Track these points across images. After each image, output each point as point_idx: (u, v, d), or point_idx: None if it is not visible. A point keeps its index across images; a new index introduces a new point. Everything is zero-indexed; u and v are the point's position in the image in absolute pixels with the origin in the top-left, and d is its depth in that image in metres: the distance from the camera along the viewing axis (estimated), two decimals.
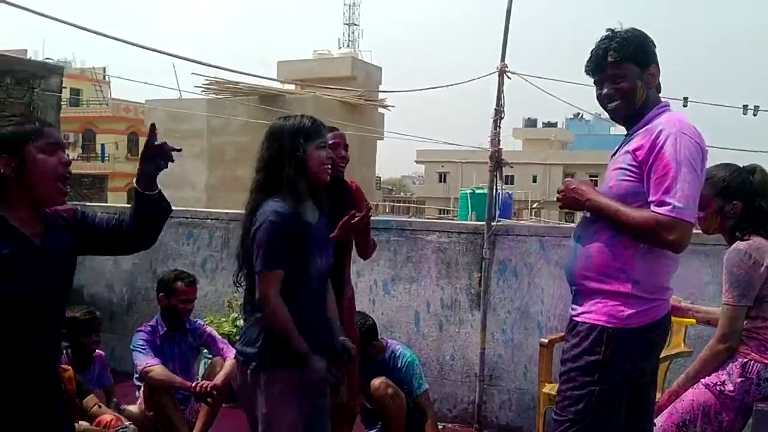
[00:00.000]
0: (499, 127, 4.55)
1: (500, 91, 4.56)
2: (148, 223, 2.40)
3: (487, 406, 4.69)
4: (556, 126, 58.49)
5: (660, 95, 2.61)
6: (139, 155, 2.34)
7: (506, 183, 34.92)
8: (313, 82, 21.99)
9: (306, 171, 2.69)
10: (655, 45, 2.52)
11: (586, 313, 2.48)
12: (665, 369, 3.62)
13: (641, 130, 2.48)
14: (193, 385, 3.93)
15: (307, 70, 23.79)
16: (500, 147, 4.55)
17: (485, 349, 4.63)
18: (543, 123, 59.56)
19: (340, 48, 41.83)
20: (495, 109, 4.55)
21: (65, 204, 2.28)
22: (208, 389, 3.90)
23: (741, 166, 3.09)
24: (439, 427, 4.50)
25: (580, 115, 54.26)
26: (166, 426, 3.88)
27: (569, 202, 2.59)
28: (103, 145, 34.92)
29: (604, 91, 2.53)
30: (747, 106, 6.76)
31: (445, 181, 47.41)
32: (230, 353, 4.24)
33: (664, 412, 3.00)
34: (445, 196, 40.16)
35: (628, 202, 2.43)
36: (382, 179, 49.00)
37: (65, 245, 2.25)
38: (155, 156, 2.29)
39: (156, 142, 2.30)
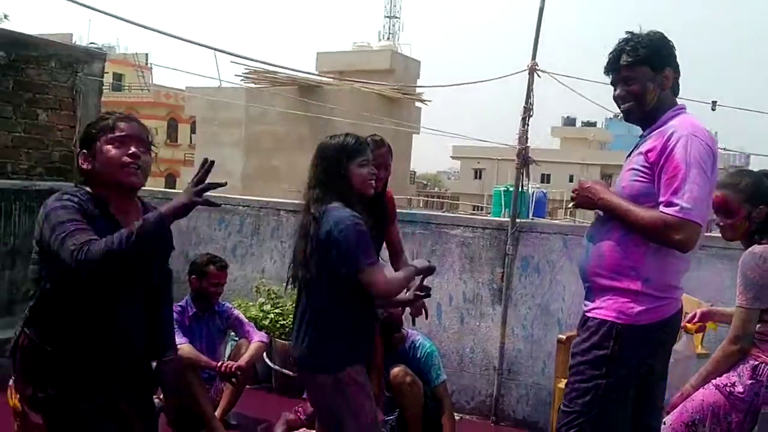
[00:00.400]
0: (528, 125, 4.60)
1: (530, 89, 4.60)
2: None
3: (504, 400, 4.75)
4: (595, 125, 57.91)
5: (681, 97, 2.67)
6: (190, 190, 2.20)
7: (542, 182, 34.78)
8: (352, 73, 22.13)
9: (351, 187, 2.85)
10: (673, 48, 2.57)
11: (597, 309, 2.55)
12: None
13: (655, 132, 2.54)
14: (219, 364, 4.06)
15: (346, 61, 23.91)
16: (528, 145, 4.60)
17: (505, 343, 4.70)
18: (582, 122, 58.99)
19: (380, 40, 41.87)
20: (524, 107, 4.59)
21: (141, 185, 2.37)
22: (233, 370, 4.03)
23: (756, 171, 3.13)
24: (457, 418, 4.57)
25: (619, 116, 53.58)
26: (191, 403, 4.02)
27: (583, 200, 2.66)
28: None
29: (617, 92, 2.60)
30: None
31: (480, 178, 47.24)
32: (255, 336, 4.37)
33: (675, 410, 3.05)
34: (479, 193, 40.07)
35: (640, 202, 2.49)
36: (417, 174, 48.98)
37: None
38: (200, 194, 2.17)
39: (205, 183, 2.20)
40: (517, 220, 4.69)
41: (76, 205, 2.18)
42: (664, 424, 3.04)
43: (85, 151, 2.32)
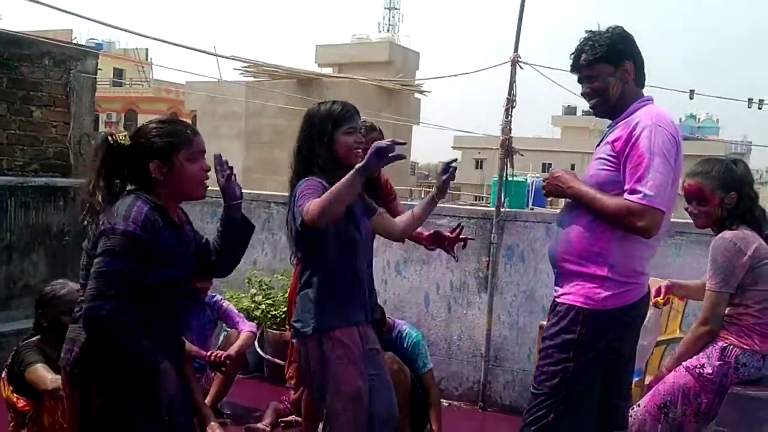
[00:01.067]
0: (511, 116, 4.67)
1: (512, 81, 4.67)
2: (231, 244, 2.66)
3: (491, 386, 4.84)
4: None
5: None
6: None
7: (543, 170, 34.76)
8: (351, 65, 22.16)
9: (335, 155, 2.81)
10: (631, 42, 2.64)
11: (566, 294, 2.64)
12: (661, 354, 3.73)
13: (621, 123, 2.61)
14: (209, 354, 4.15)
15: (344, 54, 23.89)
16: (511, 135, 4.67)
17: (491, 330, 4.78)
18: (583, 111, 58.81)
19: (379, 32, 41.80)
20: (507, 98, 4.67)
21: (205, 196, 2.50)
22: (222, 359, 4.13)
23: (723, 158, 3.21)
24: (445, 404, 4.67)
25: None
26: None
27: (553, 189, 2.74)
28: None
29: (582, 90, 2.69)
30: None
31: (481, 168, 47.19)
32: (245, 326, 4.46)
33: (648, 393, 3.14)
34: (480, 183, 40.05)
35: (607, 190, 2.57)
36: (419, 164, 48.98)
37: (193, 235, 2.59)
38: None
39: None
40: (502, 210, 4.77)
41: (146, 228, 2.26)
42: (638, 406, 3.14)
43: (159, 161, 2.36)
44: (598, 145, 2.73)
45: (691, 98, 5.71)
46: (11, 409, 3.43)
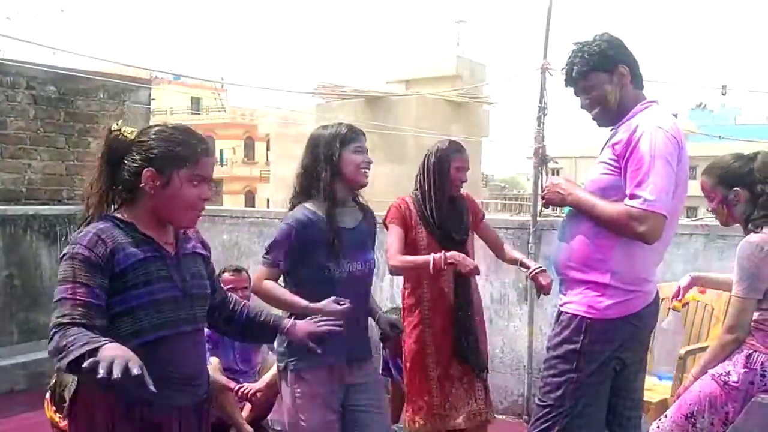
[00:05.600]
0: (543, 123, 4.61)
1: (543, 88, 4.62)
2: (245, 337, 2.52)
3: (536, 399, 4.74)
4: (676, 117, 55.95)
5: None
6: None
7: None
8: (418, 80, 22.27)
9: (342, 175, 2.79)
10: (620, 45, 2.58)
11: (569, 303, 2.59)
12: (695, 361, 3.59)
13: (623, 126, 2.56)
14: (236, 389, 4.15)
15: (411, 69, 24.05)
16: (544, 143, 4.61)
17: (533, 342, 4.71)
18: None
19: (447, 46, 41.81)
20: (538, 107, 4.62)
21: (192, 230, 2.24)
22: (249, 396, 4.10)
23: (745, 153, 3.07)
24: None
25: (702, 105, 51.79)
26: (221, 412, 4.16)
27: (553, 197, 2.70)
28: (221, 151, 36.71)
29: (582, 103, 2.65)
30: None
31: (557, 176, 46.35)
32: None
33: (674, 404, 3.04)
34: None
35: (608, 195, 2.51)
36: (494, 176, 48.56)
37: (200, 254, 2.23)
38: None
39: None
40: (538, 219, 4.70)
41: (92, 250, 1.94)
42: (666, 417, 3.04)
43: (153, 170, 2.02)
44: (602, 149, 2.68)
45: (723, 94, 5.48)
46: (55, 429, 3.60)
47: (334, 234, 2.73)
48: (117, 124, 2.10)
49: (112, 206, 2.10)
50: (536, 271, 3.49)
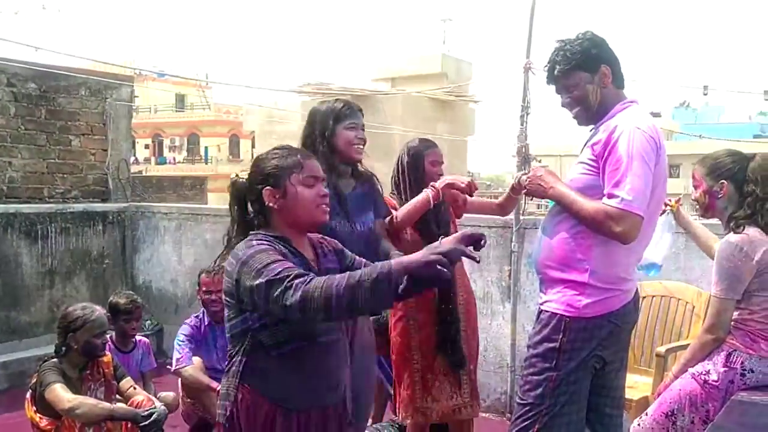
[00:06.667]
0: (526, 123, 4.62)
1: (526, 87, 4.62)
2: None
3: (516, 397, 4.76)
4: (660, 116, 56.33)
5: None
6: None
7: None
8: (404, 79, 22.26)
9: (336, 149, 2.90)
10: (603, 45, 2.59)
11: (548, 301, 2.60)
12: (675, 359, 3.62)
13: (602, 126, 2.57)
14: (219, 389, 4.12)
15: (397, 67, 24.02)
16: (527, 143, 4.62)
17: (516, 340, 4.72)
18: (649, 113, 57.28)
19: (436, 44, 41.79)
20: (521, 105, 4.62)
21: (327, 221, 2.33)
22: None
23: (729, 149, 3.11)
24: None
25: (685, 104, 52.12)
26: (206, 411, 4.15)
27: (534, 189, 2.71)
28: (206, 148, 36.55)
29: (562, 101, 2.65)
30: None
31: None
32: None
33: (655, 402, 3.05)
34: None
35: (587, 195, 2.52)
36: (480, 174, 48.66)
37: (338, 267, 2.32)
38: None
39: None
40: (521, 218, 4.71)
41: (271, 246, 2.11)
42: (646, 415, 3.05)
43: (271, 188, 2.21)
44: (581, 149, 2.69)
45: (704, 94, 5.53)
46: (35, 429, 3.57)
47: (338, 197, 2.85)
48: (235, 174, 2.39)
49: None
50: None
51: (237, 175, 2.39)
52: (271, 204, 2.21)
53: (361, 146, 2.95)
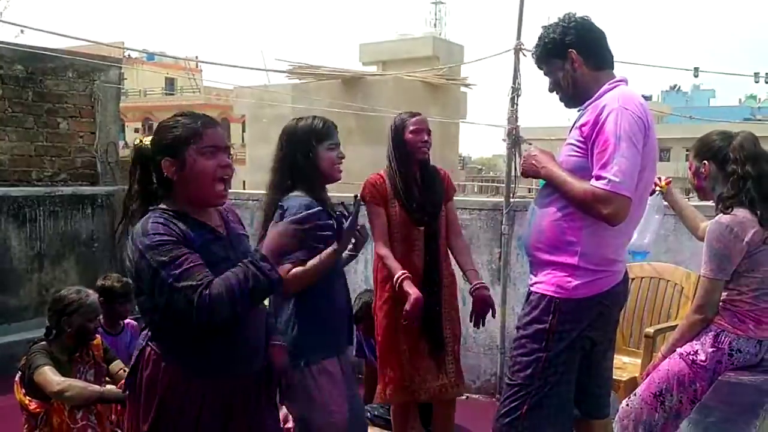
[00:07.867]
0: (516, 105, 4.61)
1: (516, 69, 4.61)
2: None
3: (505, 378, 4.78)
4: (650, 99, 56.44)
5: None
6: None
7: None
8: (395, 62, 22.10)
9: (318, 171, 2.86)
10: (570, 29, 2.57)
11: (538, 283, 2.60)
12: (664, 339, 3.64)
13: (590, 107, 2.55)
14: None
15: (388, 50, 23.86)
16: (518, 125, 4.61)
17: (506, 322, 4.73)
18: None
19: (426, 27, 41.63)
20: (511, 87, 4.61)
21: (224, 205, 2.29)
22: None
23: (718, 130, 3.11)
24: (463, 397, 4.64)
25: (675, 87, 52.16)
26: None
27: (528, 168, 2.71)
28: None
29: (548, 84, 2.69)
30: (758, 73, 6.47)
31: None
32: None
33: (643, 382, 3.07)
34: None
35: (577, 176, 2.51)
36: (472, 158, 48.67)
37: (245, 234, 2.36)
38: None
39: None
40: (511, 200, 4.71)
41: (168, 230, 2.05)
42: (635, 395, 3.07)
43: (170, 158, 2.12)
44: (569, 130, 2.68)
45: (695, 75, 5.52)
46: (24, 412, 3.56)
47: (334, 218, 2.81)
48: (140, 139, 2.28)
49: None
50: (477, 287, 3.57)
51: (141, 141, 2.27)
52: (169, 175, 2.13)
53: (340, 166, 2.93)
